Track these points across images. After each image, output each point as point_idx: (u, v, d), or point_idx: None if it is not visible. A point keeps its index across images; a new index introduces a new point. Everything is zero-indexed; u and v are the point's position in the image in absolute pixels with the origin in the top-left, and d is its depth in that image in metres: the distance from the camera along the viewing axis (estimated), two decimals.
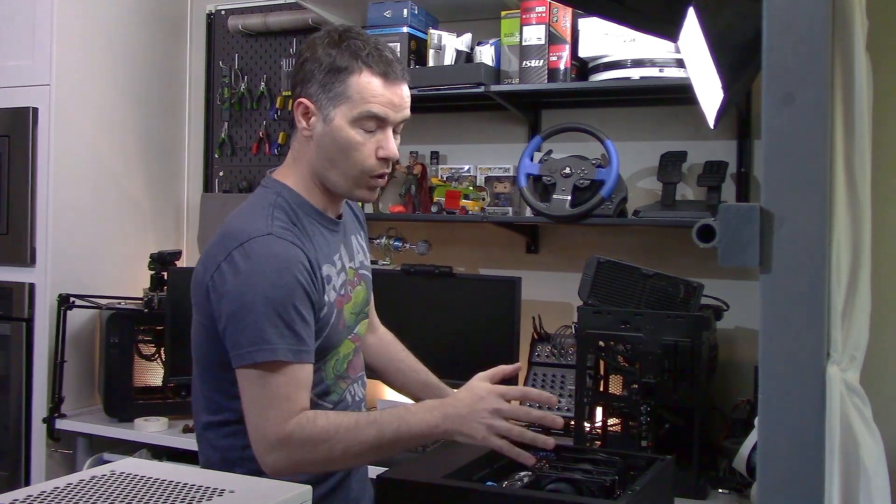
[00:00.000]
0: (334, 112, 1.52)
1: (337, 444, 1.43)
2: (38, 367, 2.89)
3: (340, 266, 1.62)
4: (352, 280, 1.65)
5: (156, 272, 2.91)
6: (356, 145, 1.52)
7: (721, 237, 0.86)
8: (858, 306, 0.97)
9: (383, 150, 1.53)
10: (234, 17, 3.37)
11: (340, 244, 1.65)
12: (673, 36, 1.57)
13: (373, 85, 1.51)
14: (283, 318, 1.44)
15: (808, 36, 0.84)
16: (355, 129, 1.51)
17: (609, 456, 1.61)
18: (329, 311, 1.56)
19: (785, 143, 0.84)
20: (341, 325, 1.60)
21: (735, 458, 2.01)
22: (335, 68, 1.51)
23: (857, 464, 0.95)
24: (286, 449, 1.43)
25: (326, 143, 1.53)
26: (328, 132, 1.53)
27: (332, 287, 1.57)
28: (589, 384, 2.24)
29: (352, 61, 1.51)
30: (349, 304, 1.63)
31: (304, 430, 1.42)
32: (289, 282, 1.45)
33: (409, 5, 2.78)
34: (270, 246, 1.47)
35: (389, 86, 1.52)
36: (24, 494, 1.11)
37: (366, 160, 1.53)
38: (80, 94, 2.99)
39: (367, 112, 1.51)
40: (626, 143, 2.65)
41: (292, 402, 1.44)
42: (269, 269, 1.45)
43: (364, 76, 1.50)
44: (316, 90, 1.53)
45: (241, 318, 1.45)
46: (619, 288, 2.30)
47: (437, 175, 2.92)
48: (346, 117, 1.51)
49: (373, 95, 1.50)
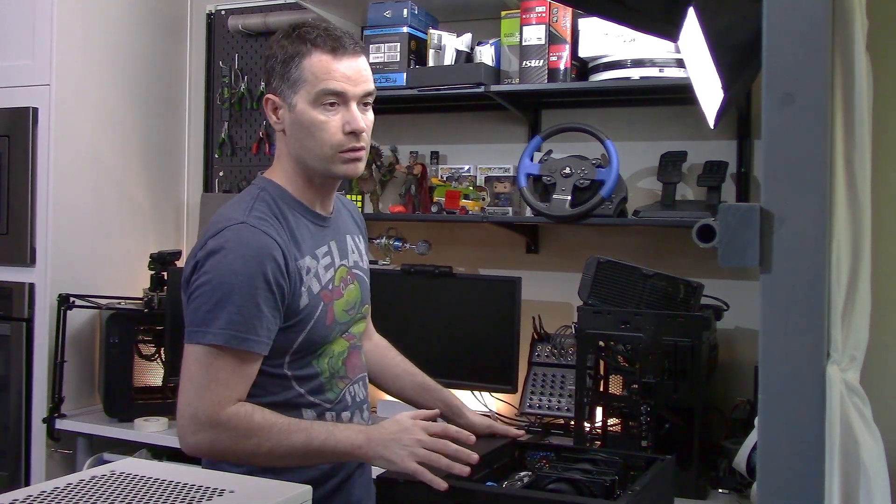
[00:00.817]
0: (295, 98, 1.56)
1: (265, 441, 1.46)
2: (38, 367, 2.89)
3: (329, 261, 1.63)
4: (344, 277, 1.66)
5: (156, 272, 2.91)
6: (321, 124, 1.55)
7: (721, 237, 0.86)
8: (858, 306, 0.97)
9: (349, 123, 1.56)
10: (234, 17, 3.37)
11: (330, 240, 1.65)
12: (673, 36, 1.57)
13: (324, 62, 1.54)
14: (238, 306, 1.46)
15: (808, 36, 0.84)
16: (317, 109, 1.55)
17: (609, 456, 1.61)
18: (312, 303, 1.57)
19: (785, 143, 0.84)
20: (329, 320, 1.60)
21: (735, 458, 2.01)
22: (288, 56, 1.56)
23: (857, 464, 0.95)
24: (214, 433, 1.46)
25: (296, 129, 1.58)
26: (295, 119, 1.57)
27: (313, 278, 1.58)
28: (589, 384, 2.24)
29: (301, 45, 1.55)
30: (340, 300, 1.64)
31: (240, 421, 1.46)
32: (251, 271, 1.47)
33: (409, 5, 2.78)
34: (241, 234, 1.50)
35: (341, 59, 1.55)
36: (24, 494, 1.11)
37: (333, 137, 1.56)
38: (80, 94, 2.99)
39: (323, 89, 1.54)
40: (626, 143, 2.65)
41: (230, 390, 1.47)
42: (234, 256, 1.48)
43: (315, 56, 1.55)
44: (278, 83, 1.58)
45: (199, 298, 1.49)
46: (619, 288, 2.30)
47: (437, 175, 2.92)
48: (307, 100, 1.55)
49: (326, 72, 1.54)
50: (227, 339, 1.46)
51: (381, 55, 2.78)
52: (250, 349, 1.48)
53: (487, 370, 2.70)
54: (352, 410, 1.67)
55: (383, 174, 3.02)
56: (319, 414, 1.61)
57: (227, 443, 1.47)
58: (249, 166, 3.39)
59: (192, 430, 1.48)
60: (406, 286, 2.81)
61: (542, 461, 1.69)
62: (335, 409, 1.64)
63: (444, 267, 2.79)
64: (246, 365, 1.49)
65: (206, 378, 1.47)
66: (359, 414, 1.69)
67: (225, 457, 1.50)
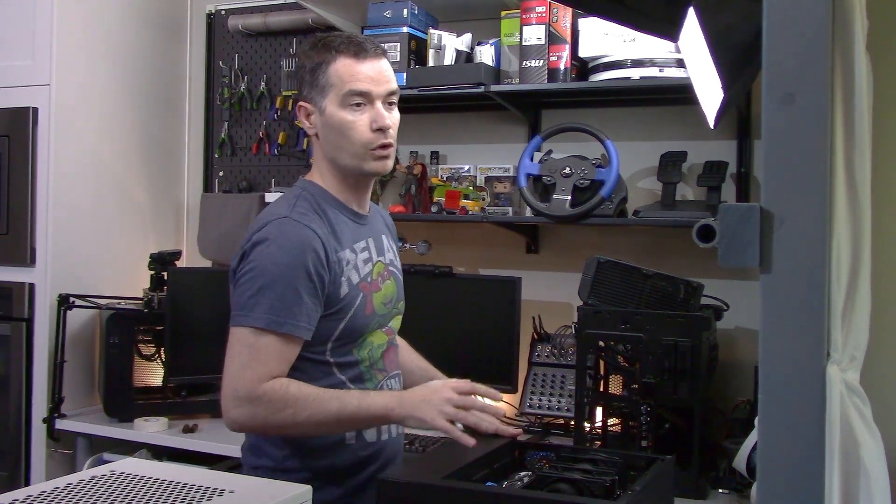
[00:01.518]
0: (325, 102, 1.68)
1: (301, 411, 1.56)
2: (38, 367, 2.89)
3: (367, 256, 1.74)
4: (381, 273, 1.78)
5: (156, 272, 2.91)
6: (350, 124, 1.67)
7: (721, 237, 0.86)
8: (858, 306, 0.97)
9: (376, 121, 1.67)
10: (234, 17, 3.37)
11: (368, 236, 1.77)
12: (673, 36, 1.57)
13: (348, 65, 1.66)
14: (279, 292, 1.57)
15: (808, 36, 0.84)
16: (345, 110, 1.66)
17: (609, 456, 1.61)
18: (352, 293, 1.67)
19: (785, 143, 0.84)
20: (369, 311, 1.70)
21: (735, 458, 2.01)
22: (315, 64, 1.68)
23: (857, 464, 0.95)
24: (252, 407, 1.56)
25: (327, 132, 1.69)
26: (325, 122, 1.68)
27: (352, 269, 1.69)
28: (589, 384, 2.24)
29: (327, 53, 1.68)
30: (378, 293, 1.75)
31: (276, 394, 1.56)
32: (292, 261, 1.58)
33: (409, 5, 2.78)
34: (283, 227, 1.62)
35: (363, 62, 1.67)
36: (24, 494, 1.11)
37: (362, 135, 1.67)
38: (80, 94, 2.99)
39: (349, 90, 1.65)
40: (626, 143, 2.65)
41: (268, 368, 1.57)
42: (277, 247, 1.59)
43: (339, 60, 1.66)
44: (308, 90, 1.70)
45: (244, 284, 1.60)
46: (619, 288, 2.30)
47: (437, 175, 2.92)
48: (335, 102, 1.67)
49: (350, 75, 1.66)
50: (268, 323, 1.56)
51: None
52: (289, 332, 1.58)
53: (487, 370, 2.69)
54: None
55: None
56: None
57: (265, 415, 1.55)
58: (249, 166, 3.39)
59: (233, 406, 1.57)
60: (406, 286, 2.80)
61: (542, 461, 1.69)
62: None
63: (444, 267, 2.79)
64: (285, 347, 1.59)
65: (247, 357, 1.57)
66: None
67: (265, 429, 1.61)
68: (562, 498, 1.40)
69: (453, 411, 1.58)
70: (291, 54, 3.28)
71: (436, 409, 1.57)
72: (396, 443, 1.81)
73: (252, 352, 1.57)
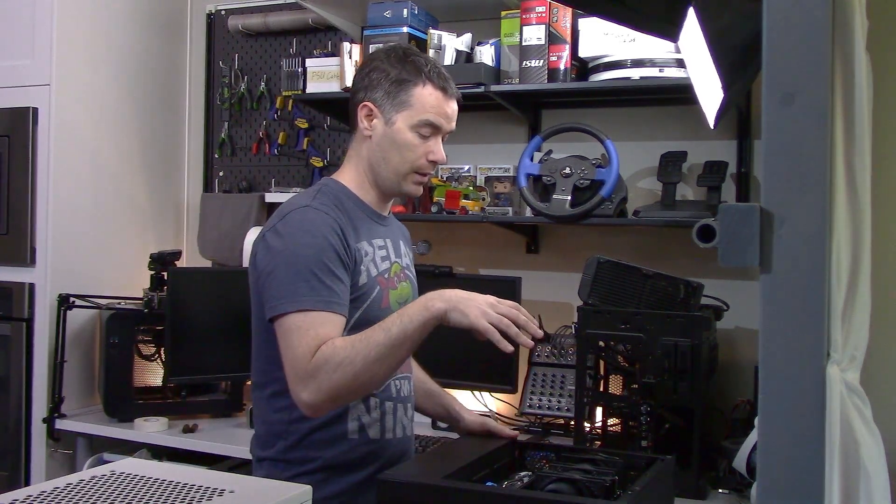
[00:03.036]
0: (396, 116, 1.72)
1: (356, 356, 1.52)
2: (38, 367, 2.89)
3: (385, 254, 1.77)
4: (398, 274, 1.80)
5: (156, 272, 2.91)
6: (412, 147, 1.73)
7: (721, 237, 0.86)
8: (858, 306, 0.97)
9: (433, 154, 1.75)
10: (234, 17, 3.37)
11: (386, 237, 1.80)
12: (673, 36, 1.57)
13: (434, 97, 1.73)
14: (315, 273, 1.59)
15: (808, 36, 0.83)
16: (413, 133, 1.72)
17: (609, 456, 1.62)
18: (370, 284, 1.70)
19: (785, 143, 0.84)
20: (384, 304, 1.72)
21: (735, 458, 2.01)
22: (401, 79, 1.72)
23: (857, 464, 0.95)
24: (315, 380, 1.53)
25: (385, 142, 1.73)
26: (389, 133, 1.73)
27: (370, 262, 1.72)
28: (589, 384, 2.24)
29: (417, 75, 1.72)
30: (395, 291, 1.77)
31: (325, 355, 1.53)
32: (319, 242, 1.61)
33: (409, 5, 2.78)
34: (306, 214, 1.65)
35: (447, 100, 1.75)
36: (24, 494, 1.11)
37: (417, 159, 1.74)
38: (80, 94, 2.99)
39: (425, 120, 1.72)
40: (626, 143, 2.65)
41: (318, 340, 1.55)
42: (302, 231, 1.63)
43: (427, 89, 1.72)
44: (381, 97, 1.73)
45: (276, 275, 1.61)
46: (619, 288, 2.30)
47: (437, 175, 2.92)
48: (407, 122, 1.72)
49: (432, 106, 1.72)
50: (315, 304, 1.57)
51: None
52: (333, 311, 1.59)
53: (487, 370, 2.69)
54: (395, 402, 1.76)
55: None
56: (364, 398, 1.70)
57: (329, 380, 1.52)
58: (249, 166, 3.39)
59: (300, 389, 1.54)
60: None
61: (542, 461, 1.69)
62: (380, 397, 1.73)
63: (444, 267, 2.79)
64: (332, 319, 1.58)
65: (296, 338, 1.56)
66: (402, 409, 1.78)
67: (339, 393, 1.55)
68: (562, 498, 1.40)
69: (496, 317, 1.54)
70: (291, 54, 3.28)
71: (479, 308, 1.54)
72: (403, 443, 1.79)
73: (300, 334, 1.56)
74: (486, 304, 1.55)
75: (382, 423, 1.73)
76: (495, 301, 1.57)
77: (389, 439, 1.75)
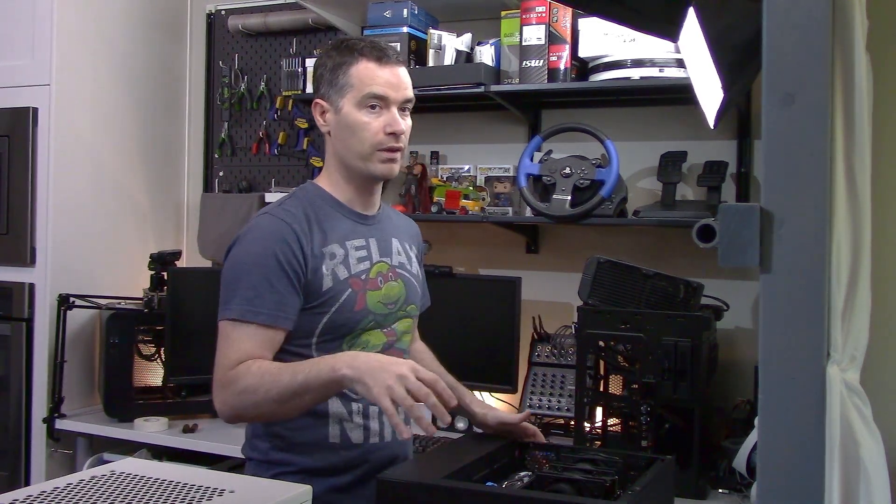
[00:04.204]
0: (342, 101, 1.70)
1: (259, 388, 1.52)
2: (38, 367, 2.89)
3: (364, 255, 1.72)
4: (384, 273, 1.75)
5: (156, 272, 2.91)
6: (364, 124, 1.68)
7: (721, 237, 0.86)
8: (858, 306, 0.97)
9: (390, 125, 1.69)
10: (234, 17, 3.37)
11: (370, 236, 1.76)
12: (673, 36, 1.57)
13: (370, 69, 1.69)
14: (251, 283, 1.59)
15: (808, 36, 0.83)
16: (362, 111, 1.68)
17: (609, 456, 1.61)
18: (337, 288, 1.65)
19: (785, 143, 0.84)
20: (358, 307, 1.67)
21: (735, 458, 2.01)
22: (337, 64, 1.71)
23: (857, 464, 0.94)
24: (225, 392, 1.56)
25: (341, 130, 1.71)
26: (340, 120, 1.71)
27: (340, 265, 1.67)
28: (589, 384, 2.24)
29: (349, 55, 1.70)
30: (376, 292, 1.71)
31: (237, 375, 1.54)
32: (262, 251, 1.61)
33: (409, 5, 2.78)
34: (260, 222, 1.67)
35: (385, 67, 1.70)
36: (24, 494, 1.11)
37: (375, 136, 1.68)
38: (80, 94, 2.99)
39: (369, 93, 1.68)
40: (626, 143, 2.65)
41: (241, 353, 1.56)
42: (249, 239, 1.65)
43: (361, 63, 1.69)
44: (326, 89, 1.72)
45: (223, 280, 1.64)
46: (619, 288, 2.30)
47: (437, 175, 2.92)
48: (353, 102, 1.69)
49: (370, 78, 1.68)
50: (242, 313, 1.58)
51: None
52: (264, 322, 1.58)
53: (487, 370, 2.70)
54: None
55: None
56: (346, 404, 1.67)
57: (234, 400, 1.54)
58: (249, 166, 3.39)
59: (215, 396, 1.57)
60: None
61: (542, 461, 1.69)
62: (362, 402, 1.68)
63: (444, 267, 2.79)
64: (263, 335, 1.59)
65: (223, 347, 1.58)
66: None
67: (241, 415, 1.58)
68: (562, 498, 1.40)
69: (402, 395, 1.40)
70: (291, 54, 3.28)
71: (385, 382, 1.40)
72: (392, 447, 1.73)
73: (229, 342, 1.58)
74: (396, 377, 1.41)
75: (366, 427, 1.68)
76: (408, 373, 1.42)
77: (375, 443, 1.69)
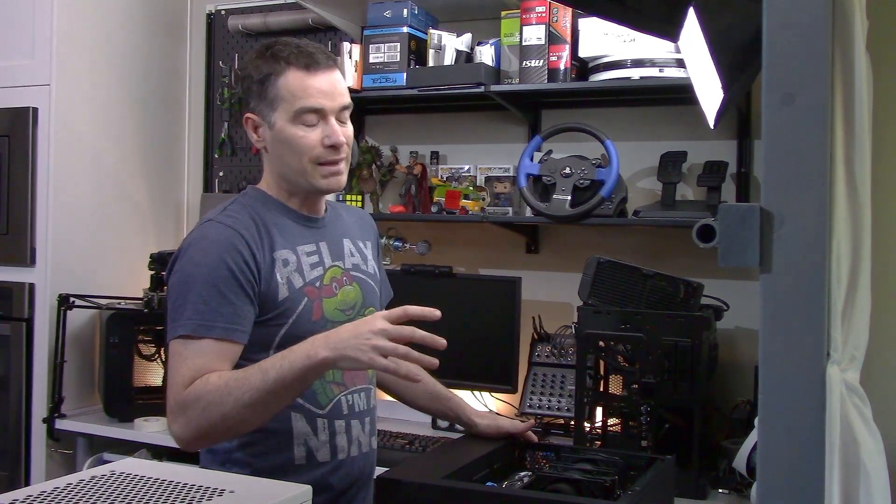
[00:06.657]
0: (274, 116, 1.58)
1: (227, 397, 1.40)
2: (38, 367, 2.89)
3: (316, 260, 1.63)
4: (338, 278, 1.66)
5: (156, 272, 2.91)
6: (300, 139, 1.57)
7: (721, 237, 0.86)
8: (858, 306, 0.97)
9: (329, 137, 1.57)
10: (234, 17, 3.37)
11: (319, 240, 1.66)
12: (673, 36, 1.57)
13: (299, 79, 1.56)
14: (202, 295, 1.48)
15: (808, 36, 0.83)
16: (296, 125, 1.57)
17: (609, 456, 1.61)
18: (294, 297, 1.56)
19: (785, 143, 0.84)
20: (316, 316, 1.59)
21: (735, 458, 2.01)
22: (264, 76, 1.58)
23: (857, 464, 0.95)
24: (185, 413, 1.43)
25: (276, 147, 1.60)
26: (274, 136, 1.59)
27: (293, 272, 1.58)
28: (589, 384, 2.24)
29: (275, 64, 1.57)
30: (332, 299, 1.63)
31: (197, 392, 1.42)
32: (212, 262, 1.50)
33: (409, 5, 2.78)
34: (205, 230, 1.55)
35: (316, 75, 1.57)
36: (24, 494, 1.11)
37: (312, 150, 1.57)
38: (80, 94, 2.99)
39: (301, 107, 1.56)
40: (626, 143, 2.65)
41: (195, 371, 1.45)
42: (196, 249, 1.52)
43: (290, 74, 1.56)
44: (256, 103, 1.60)
45: (170, 295, 1.53)
46: (619, 288, 2.30)
47: (437, 175, 2.92)
48: (285, 117, 1.57)
49: (302, 90, 1.56)
50: (194, 329, 1.46)
51: (381, 55, 2.78)
52: (217, 336, 1.47)
53: (487, 370, 2.70)
54: (347, 420, 1.62)
55: (383, 174, 3.02)
56: (310, 419, 1.58)
57: (199, 418, 1.42)
58: (249, 166, 3.39)
59: (172, 422, 1.46)
60: (406, 286, 2.79)
61: (542, 461, 1.69)
62: (327, 417, 1.60)
63: (444, 267, 2.79)
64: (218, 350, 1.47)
65: (175, 368, 1.47)
66: (358, 426, 1.65)
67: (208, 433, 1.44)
68: (562, 498, 1.40)
69: (391, 347, 1.35)
70: None
71: (369, 345, 1.34)
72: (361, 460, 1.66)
73: (182, 361, 1.46)
74: (374, 334, 1.35)
75: (333, 444, 1.60)
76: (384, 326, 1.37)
77: (343, 460, 1.62)
